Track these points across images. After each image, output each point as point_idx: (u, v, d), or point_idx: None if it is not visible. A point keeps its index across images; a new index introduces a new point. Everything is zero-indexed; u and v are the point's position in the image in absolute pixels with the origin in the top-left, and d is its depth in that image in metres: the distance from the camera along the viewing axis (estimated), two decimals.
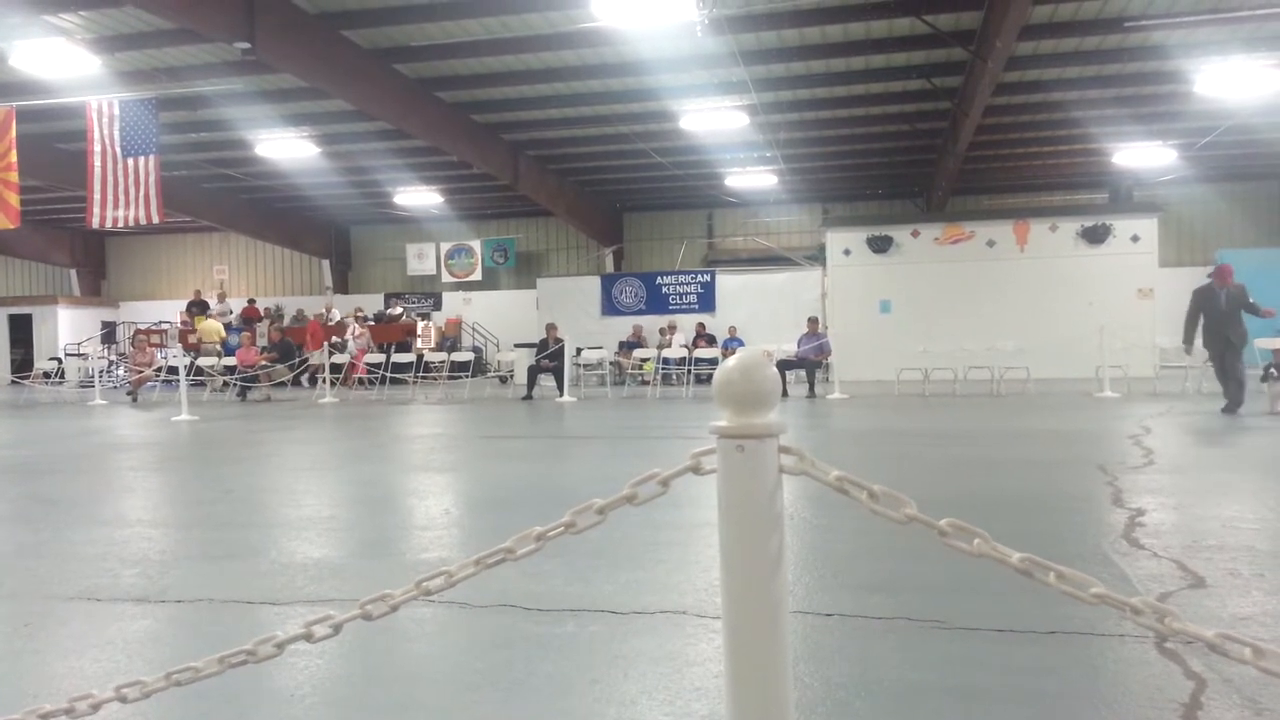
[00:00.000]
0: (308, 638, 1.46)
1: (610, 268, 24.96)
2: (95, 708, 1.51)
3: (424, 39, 13.35)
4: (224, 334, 21.64)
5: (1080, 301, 17.95)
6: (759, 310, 20.56)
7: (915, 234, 19.15)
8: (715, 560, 4.49)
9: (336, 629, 1.46)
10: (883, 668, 3.03)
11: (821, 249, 20.66)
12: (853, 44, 13.71)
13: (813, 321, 17.45)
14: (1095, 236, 18.55)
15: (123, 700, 1.51)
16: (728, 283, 21.52)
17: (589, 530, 1.55)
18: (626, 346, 20.20)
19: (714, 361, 17.81)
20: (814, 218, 24.37)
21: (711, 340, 19.80)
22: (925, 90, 15.48)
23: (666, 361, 18.12)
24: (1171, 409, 11.76)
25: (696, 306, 21.51)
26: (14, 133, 13.55)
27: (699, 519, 5.24)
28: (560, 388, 16.12)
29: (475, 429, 11.62)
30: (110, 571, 4.64)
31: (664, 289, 21.91)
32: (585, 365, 19.55)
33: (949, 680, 2.93)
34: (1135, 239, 18.46)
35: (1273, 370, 10.71)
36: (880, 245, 19.05)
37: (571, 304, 21.65)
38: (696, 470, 1.48)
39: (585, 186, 23.33)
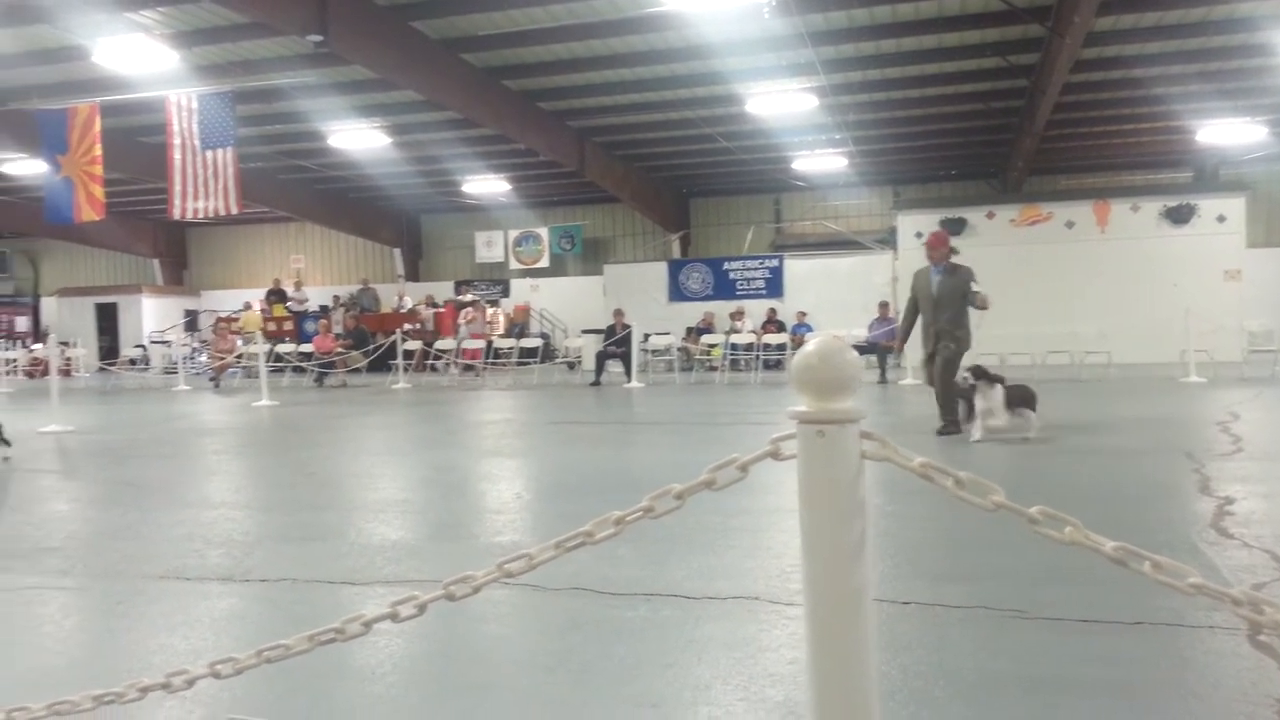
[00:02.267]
0: (393, 617, 1.49)
1: (677, 253, 24.91)
2: (190, 683, 1.57)
3: (491, 28, 13.44)
4: (262, 324, 22.21)
5: (1164, 284, 17.36)
6: (828, 295, 20.31)
7: (990, 216, 18.72)
8: (787, 546, 4.46)
9: (421, 609, 1.48)
10: (961, 656, 2.99)
11: (892, 232, 20.32)
12: (924, 22, 13.42)
13: (883, 306, 17.18)
14: (1179, 217, 17.92)
15: (216, 676, 1.57)
16: (796, 267, 21.31)
17: (664, 515, 1.54)
18: (694, 332, 20.17)
19: (782, 347, 17.70)
20: (885, 200, 23.96)
21: (780, 326, 19.65)
22: (1000, 68, 15.09)
23: (734, 347, 18.03)
24: (1261, 394, 11.32)
25: (764, 291, 21.35)
26: (98, 127, 14.00)
27: (770, 505, 5.21)
28: (628, 373, 16.17)
29: (544, 415, 11.72)
30: (197, 552, 4.80)
31: (731, 274, 21.80)
32: (653, 351, 19.58)
33: (1030, 670, 2.87)
34: (1221, 219, 17.79)
35: (966, 376, 7.84)
36: (954, 228, 18.63)
37: (638, 290, 21.66)
38: (776, 456, 1.47)
39: (651, 172, 23.30)
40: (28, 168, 18.32)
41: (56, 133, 14.01)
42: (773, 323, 19.82)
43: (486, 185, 23.27)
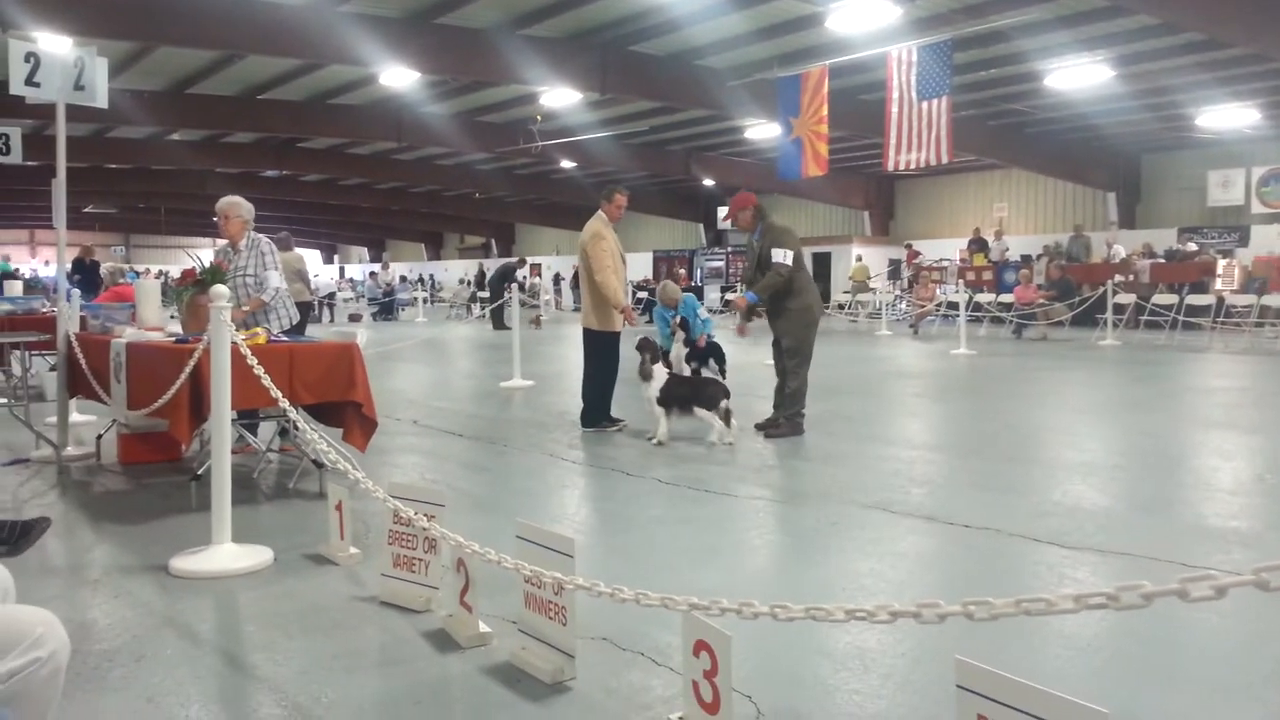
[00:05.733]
0: (1181, 595, 1.26)
1: None
2: (893, 616, 1.56)
3: None
4: (869, 275, 21.67)
5: None
6: None
7: None
8: None
9: (1220, 592, 1.23)
10: None
11: None
12: None
13: None
14: None
15: (916, 617, 1.53)
16: None
17: None
18: None
19: None
20: None
21: None
22: None
23: None
24: None
25: None
26: (826, 89, 15.20)
27: None
28: None
29: None
30: (901, 488, 4.97)
31: None
32: None
33: None
34: None
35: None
36: None
37: None
38: None
39: None
40: (764, 132, 20.81)
41: (791, 97, 15.60)
42: None
43: (1227, 116, 20.07)
